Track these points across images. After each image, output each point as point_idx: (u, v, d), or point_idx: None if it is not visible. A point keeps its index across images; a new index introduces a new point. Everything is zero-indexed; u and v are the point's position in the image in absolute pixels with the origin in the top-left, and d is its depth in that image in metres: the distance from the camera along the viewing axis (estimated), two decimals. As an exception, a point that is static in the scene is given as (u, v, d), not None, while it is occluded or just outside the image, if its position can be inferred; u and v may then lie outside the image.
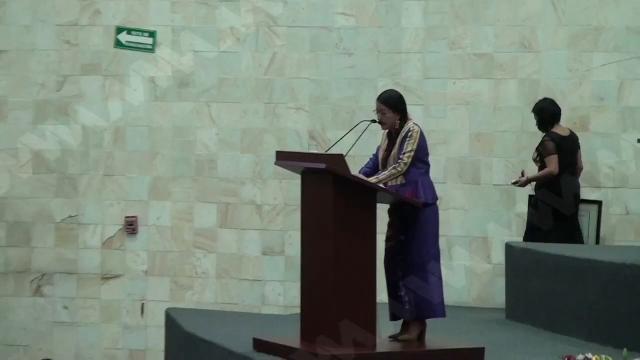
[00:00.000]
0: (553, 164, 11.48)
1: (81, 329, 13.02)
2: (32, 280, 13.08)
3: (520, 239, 12.09)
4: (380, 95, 9.61)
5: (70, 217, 13.05)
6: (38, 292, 13.08)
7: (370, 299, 9.54)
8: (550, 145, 11.32)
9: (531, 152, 12.29)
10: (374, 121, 9.41)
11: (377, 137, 9.87)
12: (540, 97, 12.24)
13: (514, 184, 11.56)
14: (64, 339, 12.93)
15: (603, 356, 7.52)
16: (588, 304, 10.32)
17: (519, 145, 12.54)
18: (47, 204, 13.04)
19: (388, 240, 9.62)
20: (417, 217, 9.46)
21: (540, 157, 11.45)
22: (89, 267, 13.06)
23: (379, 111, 9.54)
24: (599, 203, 12.25)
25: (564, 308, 10.71)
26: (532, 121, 12.33)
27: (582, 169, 11.99)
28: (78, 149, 13.03)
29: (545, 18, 12.38)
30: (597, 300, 10.19)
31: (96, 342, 13.03)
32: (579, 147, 11.87)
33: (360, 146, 9.68)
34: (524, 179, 11.37)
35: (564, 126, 11.73)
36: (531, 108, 12.24)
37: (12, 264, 13.11)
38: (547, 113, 11.22)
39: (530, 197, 11.78)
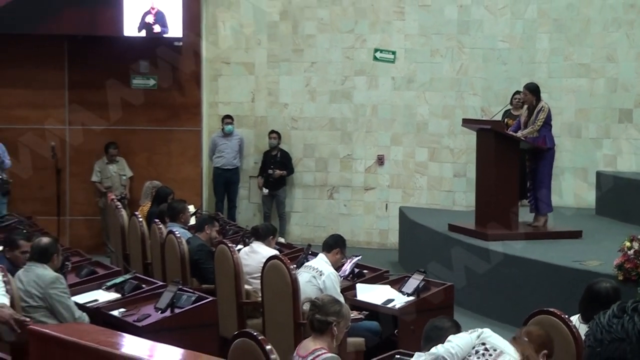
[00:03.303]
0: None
1: (353, 217, 13.13)
2: (327, 190, 13.21)
3: (606, 169, 12.00)
4: (525, 85, 9.93)
5: (348, 155, 13.12)
6: (330, 196, 13.20)
7: (515, 201, 9.74)
8: None
9: (613, 121, 12.24)
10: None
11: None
12: (619, 89, 12.14)
13: None
14: (344, 223, 13.03)
15: None
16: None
17: (605, 116, 12.26)
18: (336, 147, 13.13)
19: (527, 168, 9.85)
20: (542, 156, 9.66)
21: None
22: (357, 182, 13.12)
23: (523, 93, 9.84)
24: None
25: (633, 207, 10.66)
26: (613, 101, 12.22)
27: None
28: (352, 117, 13.08)
29: (622, 43, 12.10)
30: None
31: (361, 225, 13.11)
32: None
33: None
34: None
35: None
36: (614, 97, 12.18)
37: (317, 180, 13.22)
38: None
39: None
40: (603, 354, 1.69)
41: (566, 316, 5.04)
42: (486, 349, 4.34)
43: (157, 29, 12.08)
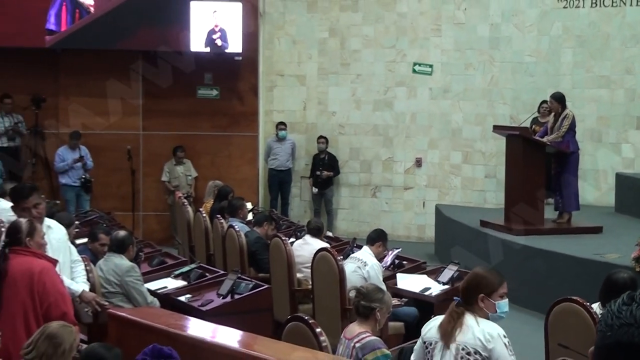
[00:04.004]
0: None
1: (393, 214, 13.09)
2: (371, 189, 13.18)
3: (625, 171, 11.85)
4: (552, 94, 9.84)
5: (389, 157, 13.09)
6: (373, 195, 13.17)
7: (541, 199, 9.64)
8: None
9: (631, 127, 12.08)
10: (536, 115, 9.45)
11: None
12: (636, 99, 12.00)
13: None
14: (386, 219, 12.97)
15: None
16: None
17: (624, 122, 12.11)
18: (378, 150, 13.11)
19: (552, 170, 9.77)
20: (567, 159, 9.55)
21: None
22: (397, 182, 13.09)
23: (550, 102, 9.75)
24: None
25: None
26: (631, 109, 12.05)
27: None
28: (393, 123, 13.04)
29: (639, 57, 11.96)
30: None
31: (401, 221, 13.07)
32: None
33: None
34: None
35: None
36: (632, 106, 12.02)
37: (361, 181, 13.18)
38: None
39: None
40: (613, 337, 1.70)
41: (587, 303, 5.02)
42: (426, 347, 4.05)
43: (218, 43, 12.21)
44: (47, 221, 5.60)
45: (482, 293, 3.99)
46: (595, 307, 5.07)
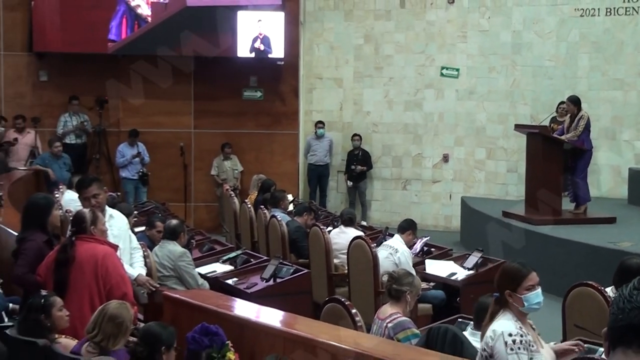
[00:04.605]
0: None
1: (422, 205, 13.03)
2: (401, 182, 13.13)
3: (637, 166, 11.66)
4: (568, 97, 9.72)
5: (419, 153, 13.03)
6: (404, 188, 13.12)
7: (559, 192, 9.55)
8: None
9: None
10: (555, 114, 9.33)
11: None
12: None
13: None
14: (415, 210, 12.90)
15: None
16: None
17: (636, 121, 11.95)
18: (409, 147, 13.04)
19: (569, 165, 9.65)
20: (581, 155, 9.45)
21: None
22: (426, 176, 13.03)
23: (566, 104, 9.60)
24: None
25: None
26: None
27: None
28: (422, 122, 12.96)
29: (652, 60, 11.83)
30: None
31: (429, 211, 12.99)
32: None
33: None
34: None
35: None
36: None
37: (393, 175, 13.14)
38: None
39: None
40: (624, 320, 1.69)
41: (602, 287, 4.99)
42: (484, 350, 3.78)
43: (262, 49, 12.25)
44: (110, 211, 5.68)
45: (507, 289, 3.72)
46: (609, 290, 5.03)
